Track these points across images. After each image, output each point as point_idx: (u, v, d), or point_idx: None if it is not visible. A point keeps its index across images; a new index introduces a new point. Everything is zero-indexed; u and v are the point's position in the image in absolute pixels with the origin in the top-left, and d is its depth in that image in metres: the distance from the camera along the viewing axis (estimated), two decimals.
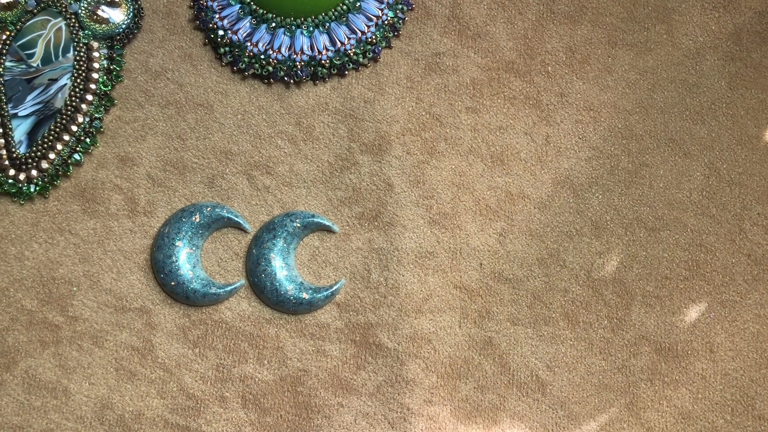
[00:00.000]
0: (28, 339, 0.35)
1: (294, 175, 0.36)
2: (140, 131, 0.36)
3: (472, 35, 0.37)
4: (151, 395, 0.35)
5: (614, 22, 0.37)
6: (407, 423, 0.35)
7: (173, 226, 0.35)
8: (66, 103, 0.35)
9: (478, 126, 0.37)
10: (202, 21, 0.37)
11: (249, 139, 0.36)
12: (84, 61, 0.36)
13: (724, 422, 0.35)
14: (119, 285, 0.36)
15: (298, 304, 0.35)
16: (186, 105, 0.37)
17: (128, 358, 0.35)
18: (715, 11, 0.37)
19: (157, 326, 0.35)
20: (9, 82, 0.35)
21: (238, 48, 0.36)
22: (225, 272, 0.36)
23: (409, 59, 0.37)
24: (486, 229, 0.36)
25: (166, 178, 0.36)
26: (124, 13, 0.36)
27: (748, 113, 0.37)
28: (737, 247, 0.36)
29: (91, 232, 0.36)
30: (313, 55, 0.36)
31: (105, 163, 0.36)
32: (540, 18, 0.37)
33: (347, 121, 0.37)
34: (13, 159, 0.35)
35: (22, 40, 0.36)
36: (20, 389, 0.35)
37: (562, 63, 0.37)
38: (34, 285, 0.35)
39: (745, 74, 0.37)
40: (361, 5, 0.36)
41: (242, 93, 0.37)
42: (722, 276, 0.36)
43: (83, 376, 0.35)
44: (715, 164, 0.37)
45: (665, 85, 0.37)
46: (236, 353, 0.35)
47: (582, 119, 0.37)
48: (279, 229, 0.35)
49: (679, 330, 0.36)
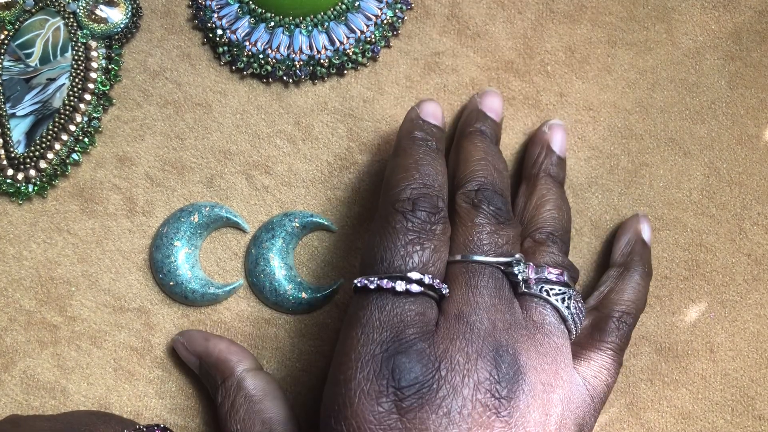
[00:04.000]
0: (27, 339, 0.35)
1: (293, 175, 0.36)
2: (139, 131, 0.36)
3: (472, 35, 0.37)
4: (149, 395, 0.35)
5: (614, 21, 0.37)
6: None
7: (172, 225, 0.35)
8: (64, 102, 0.35)
9: None
10: (201, 20, 0.36)
11: (248, 138, 0.36)
12: (82, 60, 0.36)
13: (724, 422, 0.35)
14: (118, 285, 0.36)
15: (297, 304, 0.35)
16: (184, 104, 0.36)
17: (127, 358, 0.35)
18: (715, 10, 0.37)
19: (156, 326, 0.35)
20: (7, 82, 0.35)
21: (236, 47, 0.36)
22: (224, 272, 0.36)
23: (408, 59, 0.37)
24: None
25: (165, 178, 0.36)
26: (122, 12, 0.36)
27: (748, 113, 0.37)
28: (737, 247, 0.36)
29: (89, 232, 0.36)
30: (312, 55, 0.36)
31: (103, 163, 0.36)
32: (539, 17, 0.37)
33: (346, 120, 0.36)
34: (11, 159, 0.35)
35: (20, 40, 0.36)
36: (19, 389, 0.35)
37: (562, 62, 0.37)
38: (33, 285, 0.35)
39: (745, 73, 0.37)
40: (360, 4, 0.36)
41: (241, 92, 0.37)
42: (722, 276, 0.36)
43: (82, 376, 0.35)
44: (715, 164, 0.37)
45: (665, 84, 0.37)
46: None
47: (581, 119, 0.37)
48: (278, 229, 0.35)
49: (679, 330, 0.36)
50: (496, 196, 0.30)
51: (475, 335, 0.27)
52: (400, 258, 0.28)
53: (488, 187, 0.31)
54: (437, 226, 0.29)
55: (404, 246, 0.28)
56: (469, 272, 0.29)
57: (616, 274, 0.34)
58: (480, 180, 0.31)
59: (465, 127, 0.34)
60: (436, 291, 0.28)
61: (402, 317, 0.27)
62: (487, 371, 0.27)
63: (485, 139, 0.33)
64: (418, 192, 0.29)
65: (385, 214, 0.29)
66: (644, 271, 0.34)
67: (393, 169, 0.31)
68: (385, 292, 0.28)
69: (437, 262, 0.29)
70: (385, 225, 0.29)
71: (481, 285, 0.28)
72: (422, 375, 0.26)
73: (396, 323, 0.27)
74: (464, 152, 0.32)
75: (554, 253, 0.31)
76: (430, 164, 0.30)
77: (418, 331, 0.27)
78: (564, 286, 0.30)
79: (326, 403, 0.28)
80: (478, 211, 0.30)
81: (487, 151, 0.32)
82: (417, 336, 0.27)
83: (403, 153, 0.31)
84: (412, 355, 0.27)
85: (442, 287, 0.28)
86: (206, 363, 0.33)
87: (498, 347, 0.27)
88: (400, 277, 0.28)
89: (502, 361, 0.27)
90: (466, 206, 0.30)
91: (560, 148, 0.35)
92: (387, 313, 0.28)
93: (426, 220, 0.29)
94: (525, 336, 0.28)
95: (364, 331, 0.27)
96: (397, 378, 0.26)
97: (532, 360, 0.28)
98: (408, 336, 0.27)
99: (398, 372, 0.26)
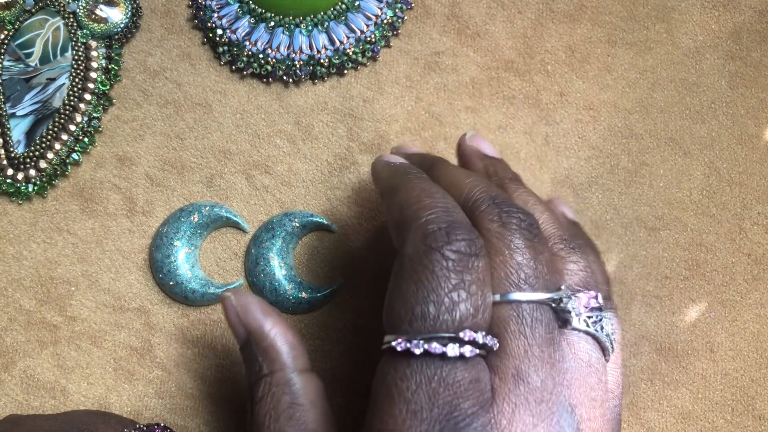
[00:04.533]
0: (27, 339, 0.35)
1: (293, 175, 0.36)
2: (139, 131, 0.36)
3: (472, 34, 0.37)
4: (149, 395, 0.35)
5: (614, 21, 0.37)
6: None
7: (172, 225, 0.35)
8: (64, 102, 0.35)
9: (478, 125, 0.36)
10: (201, 20, 0.36)
11: (248, 138, 0.36)
12: (82, 60, 0.36)
13: (724, 422, 0.35)
14: (118, 285, 0.36)
15: (297, 304, 0.35)
16: (184, 104, 0.36)
17: (127, 358, 0.35)
18: (715, 10, 0.37)
19: (156, 326, 0.35)
20: (7, 82, 0.35)
21: (236, 47, 0.36)
22: (224, 272, 0.36)
23: (408, 58, 0.37)
24: None
25: (165, 178, 0.36)
26: (122, 12, 0.36)
27: (748, 112, 0.37)
28: (737, 247, 0.36)
29: (89, 232, 0.36)
30: (312, 54, 0.36)
31: (103, 163, 0.36)
32: (539, 17, 0.37)
33: (346, 120, 0.36)
34: (11, 159, 0.35)
35: (20, 40, 0.36)
36: (19, 389, 0.35)
37: (562, 62, 0.37)
38: (33, 285, 0.35)
39: (745, 73, 0.37)
40: (360, 4, 0.36)
41: (241, 92, 0.37)
42: (722, 275, 0.36)
43: (81, 375, 0.35)
44: (715, 163, 0.37)
45: (665, 84, 0.37)
46: (235, 353, 0.35)
47: (582, 118, 0.37)
48: (278, 229, 0.35)
49: (679, 330, 0.36)
50: (514, 207, 0.25)
51: (537, 398, 0.23)
52: (445, 311, 0.23)
53: (499, 198, 0.26)
54: (480, 261, 0.24)
55: (448, 294, 0.23)
56: (518, 316, 0.24)
57: None
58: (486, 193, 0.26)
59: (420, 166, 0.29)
60: (490, 349, 0.24)
61: (455, 388, 0.23)
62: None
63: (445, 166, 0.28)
64: (445, 219, 0.24)
65: (415, 255, 0.24)
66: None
67: (399, 206, 0.26)
68: (432, 358, 0.23)
69: (485, 309, 0.24)
70: (418, 268, 0.24)
71: (534, 332, 0.24)
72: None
73: (448, 396, 0.22)
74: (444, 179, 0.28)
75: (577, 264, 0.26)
76: (435, 189, 0.26)
77: (474, 403, 0.23)
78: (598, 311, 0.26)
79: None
80: (510, 230, 0.25)
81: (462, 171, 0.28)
82: (474, 410, 0.22)
83: (402, 188, 0.26)
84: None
85: (494, 343, 0.24)
86: (257, 344, 0.28)
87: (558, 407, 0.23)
88: (451, 338, 0.23)
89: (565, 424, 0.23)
90: (495, 227, 0.25)
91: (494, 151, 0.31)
92: (437, 385, 0.23)
93: (467, 253, 0.24)
94: (578, 382, 0.24)
95: (409, 409, 0.22)
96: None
97: (586, 409, 0.24)
98: (464, 411, 0.22)
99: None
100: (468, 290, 0.23)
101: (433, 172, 0.28)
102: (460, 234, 0.24)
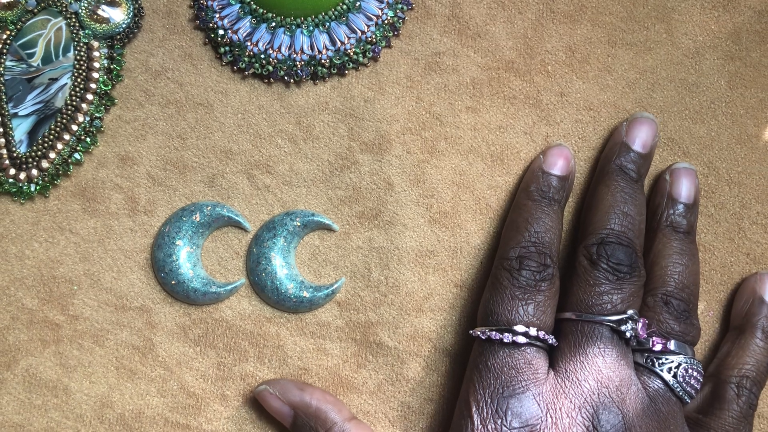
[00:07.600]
0: (29, 338, 0.35)
1: (294, 174, 0.36)
2: (140, 130, 0.36)
3: (472, 34, 0.37)
4: (151, 394, 0.35)
5: (614, 21, 0.37)
6: (408, 421, 0.35)
7: (174, 225, 0.35)
8: (66, 102, 0.35)
9: (478, 125, 0.37)
10: (202, 20, 0.37)
11: (249, 138, 0.36)
12: (84, 60, 0.36)
13: None
14: (120, 284, 0.36)
15: (298, 303, 0.35)
16: (186, 104, 0.37)
17: (129, 357, 0.35)
18: (715, 10, 0.37)
19: (158, 325, 0.35)
20: (9, 82, 0.35)
21: (238, 47, 0.36)
22: (225, 271, 0.36)
23: (409, 58, 0.37)
24: (486, 228, 0.36)
25: (167, 178, 0.36)
26: (124, 12, 0.36)
27: (747, 112, 0.37)
28: (736, 246, 0.36)
29: (91, 231, 0.36)
30: (313, 55, 0.36)
31: (105, 163, 0.36)
32: (540, 17, 0.37)
33: (347, 120, 0.37)
34: (13, 158, 0.35)
35: (23, 40, 0.36)
36: (21, 388, 0.35)
37: (562, 62, 0.37)
38: (35, 284, 0.36)
39: (744, 73, 0.37)
40: (361, 5, 0.36)
41: (242, 92, 0.37)
42: (721, 275, 0.36)
43: (84, 374, 0.35)
44: (714, 163, 0.37)
45: (665, 84, 0.37)
46: (237, 352, 0.35)
47: (582, 119, 0.37)
48: (279, 228, 0.35)
49: None
50: (619, 249, 0.32)
51: (579, 394, 0.30)
52: (507, 312, 0.31)
53: (612, 239, 0.32)
54: (543, 284, 0.32)
55: (510, 301, 0.31)
56: (578, 331, 0.31)
57: (733, 336, 0.34)
58: (605, 232, 0.32)
59: (604, 164, 0.34)
60: (544, 342, 0.31)
61: (512, 365, 0.31)
62: (584, 427, 0.30)
63: (621, 180, 0.33)
64: (526, 251, 0.32)
65: (495, 272, 0.33)
66: (764, 332, 0.33)
67: (508, 225, 0.34)
68: (496, 342, 0.31)
69: (542, 315, 0.31)
70: (494, 281, 0.32)
71: (590, 345, 0.31)
72: (531, 419, 0.30)
73: (507, 371, 0.31)
74: (596, 197, 0.34)
75: (662, 320, 0.32)
76: (541, 219, 0.33)
77: (527, 379, 0.31)
78: (671, 355, 0.31)
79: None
80: (596, 268, 0.32)
81: (621, 195, 0.33)
82: (526, 383, 0.30)
83: (517, 208, 0.34)
84: (524, 401, 0.30)
85: (548, 338, 0.31)
86: (305, 413, 0.33)
87: (600, 407, 0.30)
88: (508, 329, 0.31)
89: (604, 420, 0.30)
90: (585, 263, 0.32)
91: (687, 195, 0.34)
92: (499, 361, 0.31)
93: (531, 278, 0.32)
94: (634, 395, 0.30)
95: (481, 376, 0.31)
96: (509, 420, 0.30)
97: (639, 419, 0.30)
98: (518, 383, 0.30)
99: (510, 414, 0.30)
100: (526, 300, 0.31)
101: (597, 180, 0.35)
102: (531, 265, 0.32)
